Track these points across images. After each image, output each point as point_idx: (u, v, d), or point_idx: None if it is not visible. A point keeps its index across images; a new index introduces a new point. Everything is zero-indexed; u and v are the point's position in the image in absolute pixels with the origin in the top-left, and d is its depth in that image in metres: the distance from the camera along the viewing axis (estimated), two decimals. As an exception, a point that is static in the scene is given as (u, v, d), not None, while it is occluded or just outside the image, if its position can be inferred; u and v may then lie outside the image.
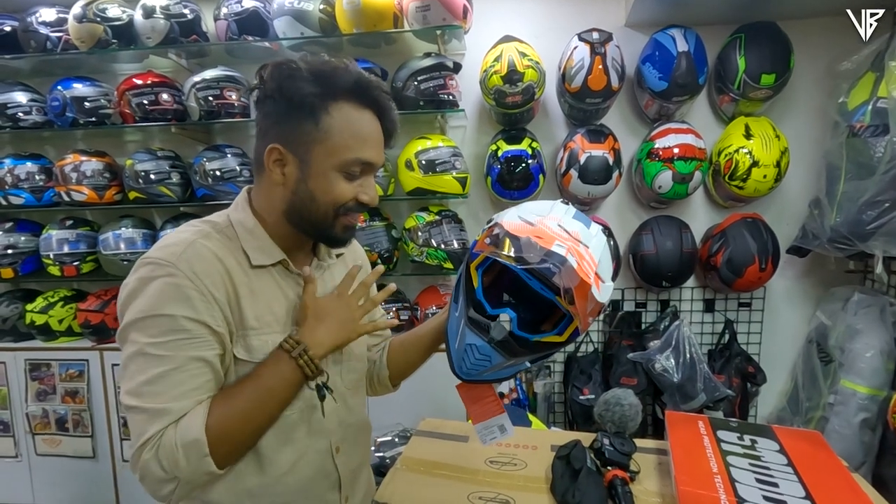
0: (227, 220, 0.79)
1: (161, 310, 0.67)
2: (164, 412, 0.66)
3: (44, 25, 2.07)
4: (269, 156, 0.74)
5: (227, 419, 0.69)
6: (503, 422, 0.88)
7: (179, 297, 0.68)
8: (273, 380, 0.74)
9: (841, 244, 1.80)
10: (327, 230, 0.78)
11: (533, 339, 0.77)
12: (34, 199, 2.20)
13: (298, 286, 0.82)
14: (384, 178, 2.07)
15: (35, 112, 2.18)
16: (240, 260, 0.76)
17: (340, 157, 0.73)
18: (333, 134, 0.73)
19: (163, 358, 0.67)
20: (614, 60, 1.89)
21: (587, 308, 0.73)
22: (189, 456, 0.66)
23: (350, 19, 1.91)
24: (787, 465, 0.95)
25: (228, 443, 0.70)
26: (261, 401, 0.73)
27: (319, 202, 0.75)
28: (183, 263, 0.69)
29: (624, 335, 2.19)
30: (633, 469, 1.00)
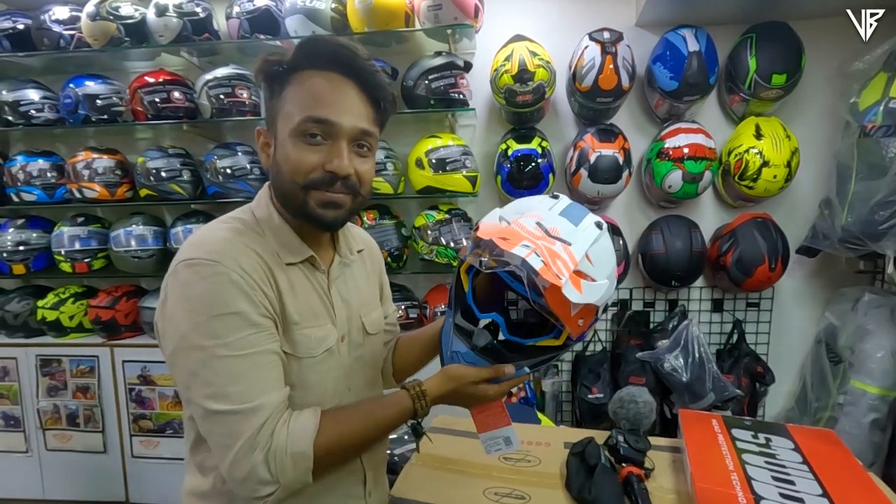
0: (253, 216, 0.78)
1: (225, 308, 0.65)
2: (258, 408, 0.66)
3: (57, 23, 2.09)
4: (258, 140, 0.77)
5: (335, 440, 0.71)
6: (509, 434, 0.85)
7: (239, 292, 0.67)
8: (389, 411, 0.75)
9: (852, 244, 1.80)
10: (302, 208, 0.73)
11: (527, 344, 0.74)
12: (46, 196, 2.21)
13: (324, 281, 0.81)
14: (394, 177, 2.07)
15: (47, 109, 2.20)
16: (273, 257, 0.75)
17: (293, 119, 0.70)
18: (288, 99, 0.71)
19: (240, 357, 0.66)
20: (625, 60, 1.90)
21: (569, 311, 0.68)
22: (297, 465, 0.67)
23: (362, 18, 1.92)
24: (802, 462, 0.95)
25: (329, 461, 0.71)
26: (367, 426, 0.74)
27: (284, 174, 0.73)
28: (229, 260, 0.67)
29: (632, 334, 2.19)
30: (648, 466, 1.00)
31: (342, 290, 0.84)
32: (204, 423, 0.67)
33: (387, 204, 2.19)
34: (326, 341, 0.78)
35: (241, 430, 0.65)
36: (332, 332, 0.80)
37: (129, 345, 2.22)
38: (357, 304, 0.87)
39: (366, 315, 0.88)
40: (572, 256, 0.68)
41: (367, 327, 0.88)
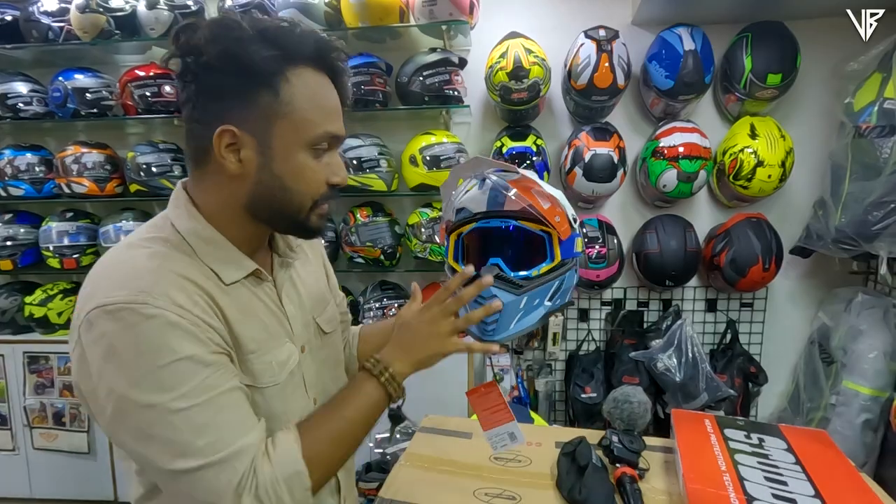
0: (174, 231, 0.65)
1: (169, 356, 0.56)
2: (239, 453, 0.59)
3: (45, 15, 2.05)
4: (219, 141, 0.61)
5: (320, 446, 0.65)
6: (513, 430, 0.86)
7: (182, 334, 0.57)
8: (360, 402, 0.70)
9: (845, 245, 1.80)
10: (303, 222, 0.68)
11: (532, 275, 0.78)
12: (34, 191, 2.18)
13: (272, 291, 0.73)
14: (388, 174, 2.06)
15: (36, 103, 2.16)
16: (211, 279, 0.64)
17: (308, 132, 0.63)
18: (297, 105, 0.62)
19: (201, 405, 0.57)
20: (620, 58, 1.89)
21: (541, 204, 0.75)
22: (293, 489, 0.61)
23: (356, 13, 1.90)
24: (795, 463, 0.94)
25: (322, 470, 0.65)
26: (350, 425, 0.69)
27: (292, 190, 0.65)
28: (159, 298, 0.57)
29: (626, 334, 2.19)
30: (643, 467, 0.99)
31: (292, 296, 0.76)
32: (174, 485, 0.59)
33: (380, 201, 2.18)
34: (289, 363, 0.72)
35: (225, 483, 0.58)
36: (293, 350, 0.73)
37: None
38: (310, 305, 0.80)
39: (320, 315, 0.82)
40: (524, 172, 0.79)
41: (323, 328, 0.82)
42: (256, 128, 0.62)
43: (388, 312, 2.10)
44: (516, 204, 0.75)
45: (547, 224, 0.76)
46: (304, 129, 0.63)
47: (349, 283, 2.34)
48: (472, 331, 0.81)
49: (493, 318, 0.77)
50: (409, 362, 0.74)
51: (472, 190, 0.80)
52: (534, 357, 2.33)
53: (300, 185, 0.65)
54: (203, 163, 0.65)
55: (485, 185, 0.78)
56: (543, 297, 0.80)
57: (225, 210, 0.66)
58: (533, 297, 0.79)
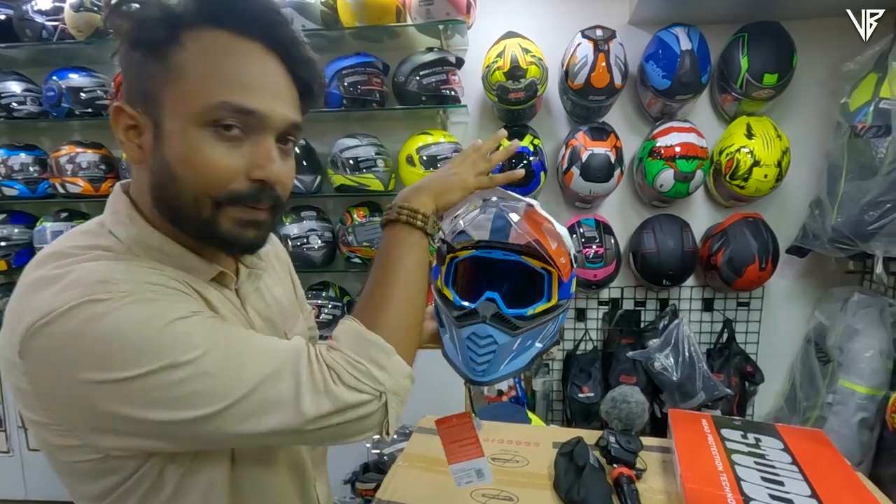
0: (115, 239, 0.54)
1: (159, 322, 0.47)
2: (287, 359, 0.51)
3: (39, 14, 2.03)
4: (115, 122, 0.52)
5: (379, 313, 0.57)
6: (481, 466, 0.80)
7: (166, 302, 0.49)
8: (397, 250, 0.61)
9: (841, 244, 1.81)
10: (210, 228, 0.54)
11: (528, 313, 0.74)
12: (28, 191, 2.17)
13: (236, 301, 0.63)
14: (385, 174, 2.05)
15: (30, 102, 2.14)
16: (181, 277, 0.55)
17: (198, 101, 0.50)
18: (187, 70, 0.50)
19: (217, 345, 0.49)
20: (618, 58, 1.89)
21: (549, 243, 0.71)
22: (379, 360, 0.53)
23: (353, 12, 1.89)
24: (791, 463, 0.95)
25: (402, 334, 0.57)
26: (399, 277, 0.60)
27: (181, 179, 0.51)
28: (125, 283, 0.47)
29: (623, 333, 2.19)
30: (640, 467, 0.99)
31: (259, 308, 0.67)
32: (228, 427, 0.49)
33: (377, 201, 2.17)
34: None
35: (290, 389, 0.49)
36: None
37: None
38: (280, 320, 0.71)
39: (291, 330, 0.73)
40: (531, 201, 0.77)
41: None
42: (148, 105, 0.51)
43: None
44: (522, 238, 0.70)
45: (552, 265, 0.73)
46: (195, 98, 0.50)
47: (346, 283, 2.33)
48: (460, 369, 0.76)
49: (486, 358, 0.72)
50: (429, 194, 0.65)
51: (476, 213, 0.75)
52: (531, 357, 2.33)
53: (191, 174, 0.51)
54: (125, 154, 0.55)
55: (490, 211, 0.73)
56: (536, 338, 0.77)
57: (166, 214, 0.55)
58: (526, 339, 0.76)
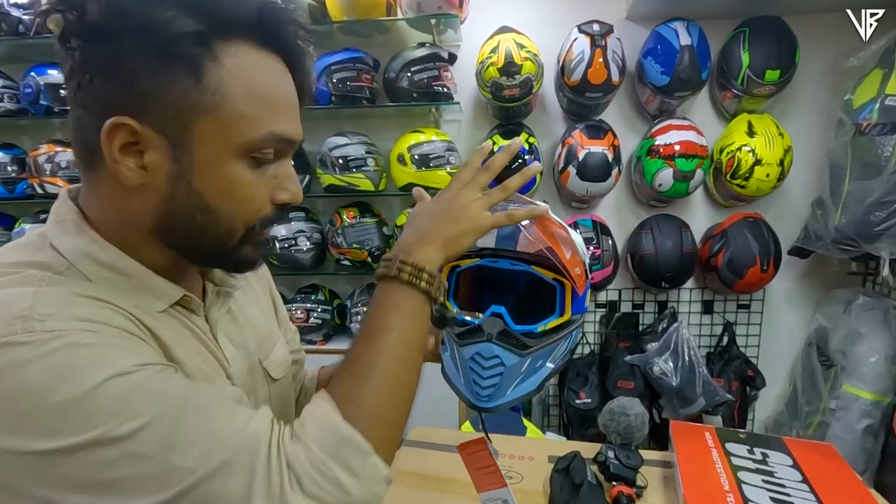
0: (56, 253, 0.47)
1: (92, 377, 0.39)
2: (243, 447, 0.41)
3: (15, 7, 1.96)
4: (109, 138, 0.43)
5: (364, 397, 0.47)
6: (507, 497, 0.73)
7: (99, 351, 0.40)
8: (391, 318, 0.51)
9: (845, 245, 1.76)
10: (230, 254, 0.51)
11: (538, 330, 0.68)
12: (6, 192, 2.10)
13: (206, 327, 0.56)
14: (375, 173, 1.99)
15: (7, 99, 2.07)
16: (130, 303, 0.47)
17: (244, 133, 0.46)
18: (229, 94, 0.44)
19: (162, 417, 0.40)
20: (615, 54, 1.83)
21: (564, 253, 0.65)
22: (348, 461, 0.43)
23: (341, 6, 1.83)
24: (802, 481, 0.89)
25: (380, 425, 0.46)
26: (390, 353, 0.49)
27: (218, 211, 0.47)
28: (49, 319, 0.40)
29: (621, 337, 2.14)
30: (640, 484, 0.94)
31: (232, 334, 0.59)
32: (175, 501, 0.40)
33: (368, 201, 2.11)
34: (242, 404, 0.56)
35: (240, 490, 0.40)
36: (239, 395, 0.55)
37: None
38: (255, 345, 0.63)
39: (267, 357, 0.65)
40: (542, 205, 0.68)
41: (271, 373, 0.65)
42: (168, 124, 0.44)
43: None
44: (532, 245, 0.64)
45: (566, 275, 0.66)
46: (239, 130, 0.46)
47: (336, 286, 2.27)
48: (461, 393, 0.70)
49: (491, 381, 0.66)
50: (436, 246, 0.55)
51: None
52: (527, 361, 2.28)
53: (230, 206, 0.48)
54: (95, 165, 0.46)
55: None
56: (547, 357, 0.70)
57: (124, 230, 0.49)
58: (536, 359, 0.68)
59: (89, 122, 0.44)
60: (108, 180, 0.46)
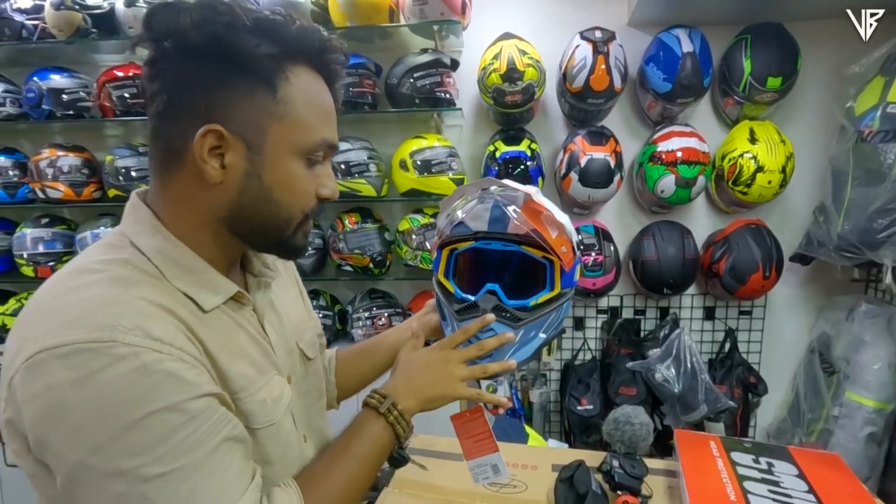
0: (136, 250, 0.55)
1: (143, 408, 0.45)
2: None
3: (18, 12, 1.97)
4: (202, 143, 0.52)
5: (326, 496, 0.59)
6: (496, 461, 0.82)
7: (161, 378, 0.47)
8: (364, 446, 0.63)
9: (848, 252, 1.75)
10: (287, 240, 0.60)
11: (530, 304, 0.75)
12: (7, 196, 2.09)
13: (254, 317, 0.64)
14: (377, 178, 1.99)
15: (9, 104, 2.07)
16: (187, 306, 0.54)
17: (305, 139, 0.56)
18: (295, 107, 0.55)
19: (184, 469, 0.47)
20: (617, 60, 1.83)
21: (549, 233, 0.72)
22: None
23: (343, 12, 1.84)
24: (808, 492, 0.88)
25: None
26: (356, 474, 0.62)
27: (281, 203, 0.57)
28: (129, 332, 0.46)
29: (622, 343, 2.13)
30: (645, 493, 0.93)
31: (273, 321, 0.68)
32: None
33: (369, 207, 2.11)
34: (283, 398, 0.64)
35: None
36: (283, 384, 0.65)
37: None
38: (291, 330, 0.72)
39: (301, 339, 0.74)
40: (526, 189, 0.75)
41: (306, 353, 0.75)
42: (247, 130, 0.53)
43: (377, 322, 2.03)
44: (521, 228, 0.71)
45: (552, 253, 0.73)
46: (302, 135, 0.56)
47: (337, 291, 2.26)
48: None
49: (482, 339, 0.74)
50: (417, 400, 0.69)
51: (474, 204, 0.76)
52: (528, 367, 2.27)
53: (290, 198, 0.58)
54: (174, 168, 0.55)
55: (488, 202, 0.74)
56: (539, 328, 0.77)
57: (196, 224, 0.57)
58: (529, 330, 0.76)
59: (175, 131, 0.53)
60: (188, 179, 0.55)
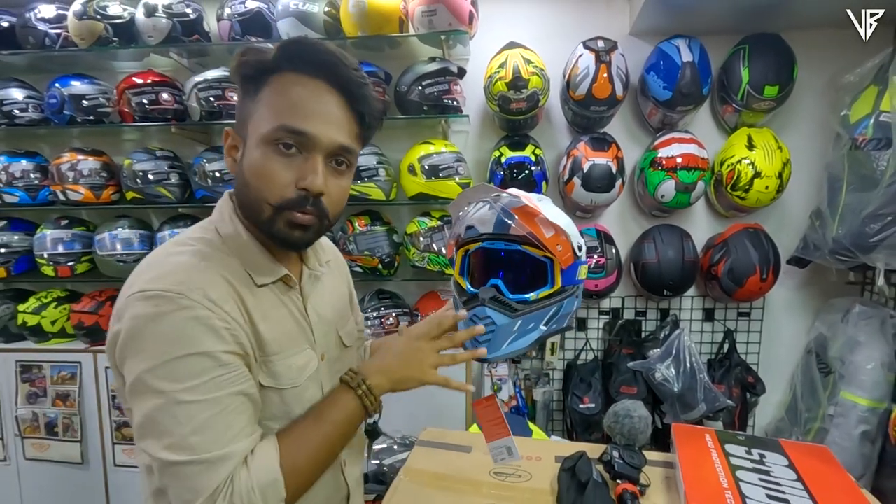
0: (217, 234, 0.70)
1: (189, 348, 0.59)
2: (225, 458, 0.60)
3: (43, 22, 2.04)
4: (224, 142, 0.70)
5: (298, 458, 0.66)
6: (510, 444, 0.90)
7: (206, 329, 0.60)
8: (337, 414, 0.71)
9: (842, 256, 1.81)
10: (267, 226, 0.68)
11: (531, 298, 0.82)
12: (29, 198, 2.16)
13: (299, 300, 0.76)
14: (386, 182, 2.05)
15: (31, 109, 2.14)
16: (244, 280, 0.68)
17: (265, 125, 0.64)
18: (264, 101, 0.65)
19: (205, 402, 0.60)
20: (619, 69, 1.89)
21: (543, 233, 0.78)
22: (268, 498, 0.62)
23: (355, 22, 1.90)
24: (796, 480, 0.94)
25: (299, 482, 0.66)
26: (327, 436, 0.70)
27: (251, 186, 0.66)
28: (195, 291, 0.60)
29: (624, 343, 2.18)
30: (643, 483, 0.99)
31: (317, 307, 0.80)
32: (161, 476, 0.61)
33: (378, 210, 2.17)
34: (308, 368, 0.74)
35: (206, 483, 0.59)
36: (313, 357, 0.76)
37: (112, 351, 2.17)
38: (332, 318, 0.83)
39: (342, 328, 0.86)
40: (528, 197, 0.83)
41: (344, 340, 0.86)
42: (241, 128, 0.68)
43: (385, 321, 2.09)
44: (520, 230, 0.78)
45: (549, 252, 0.79)
46: (263, 124, 0.65)
47: (346, 291, 2.32)
48: (468, 349, 0.84)
49: (487, 336, 0.80)
50: (388, 379, 0.75)
51: (482, 209, 0.83)
52: (531, 366, 2.33)
53: (260, 182, 0.65)
54: None
55: (495, 207, 0.81)
56: (539, 321, 0.83)
57: (244, 214, 0.71)
58: (528, 321, 0.82)
59: None
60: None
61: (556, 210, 0.86)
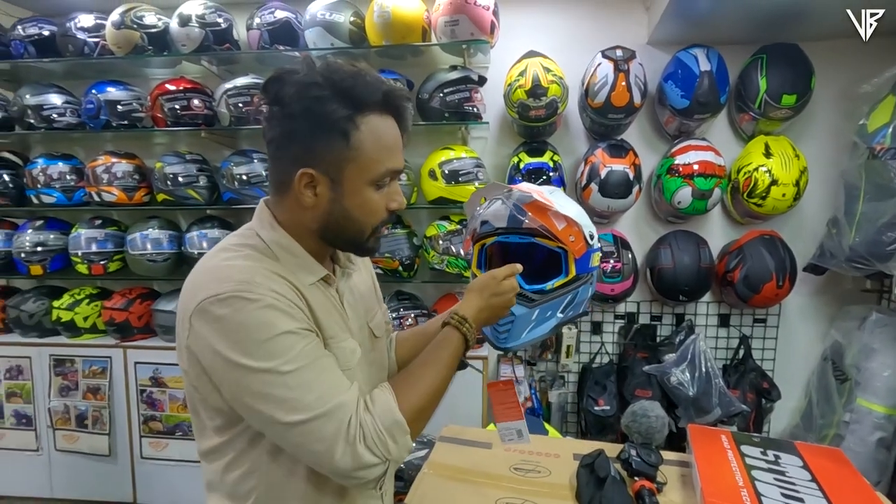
0: (261, 240, 0.77)
1: (272, 331, 0.67)
2: (340, 406, 0.69)
3: (82, 31, 2.14)
4: (299, 181, 0.72)
5: (412, 398, 0.75)
6: (521, 427, 0.94)
7: (280, 314, 0.68)
8: (444, 352, 0.81)
9: (859, 264, 1.82)
10: (365, 244, 0.80)
11: (547, 288, 0.86)
12: (65, 199, 2.25)
13: (336, 296, 0.84)
14: (407, 187, 2.10)
15: (69, 114, 2.24)
16: (294, 277, 0.76)
17: (373, 171, 0.73)
18: (364, 150, 0.72)
19: (304, 368, 0.68)
20: (637, 78, 1.93)
21: (555, 225, 0.83)
22: (395, 437, 0.71)
23: (380, 32, 1.96)
24: (811, 480, 0.97)
25: (420, 418, 0.75)
26: (437, 372, 0.79)
27: (357, 220, 0.76)
28: (259, 287, 0.68)
29: (639, 348, 2.21)
30: (660, 480, 1.02)
31: (351, 301, 0.87)
32: (289, 438, 0.69)
33: (399, 213, 2.21)
34: (356, 354, 0.81)
35: (333, 431, 0.67)
36: (356, 346, 0.83)
37: (141, 347, 2.25)
38: (363, 311, 0.90)
39: (371, 320, 0.92)
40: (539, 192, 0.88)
41: (374, 332, 0.92)
42: (330, 169, 0.72)
43: (404, 322, 2.14)
44: (532, 223, 0.84)
45: (561, 242, 0.85)
46: (370, 170, 0.73)
47: (366, 292, 2.38)
48: (486, 335, 0.91)
49: (505, 327, 0.87)
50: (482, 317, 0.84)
51: (497, 205, 0.89)
52: (547, 369, 2.36)
53: (364, 216, 0.76)
54: (283, 191, 0.76)
55: (508, 203, 0.87)
56: (556, 309, 0.89)
57: (299, 228, 0.78)
58: (545, 310, 0.88)
59: (283, 168, 0.73)
60: (293, 200, 0.75)
61: (567, 200, 0.91)
